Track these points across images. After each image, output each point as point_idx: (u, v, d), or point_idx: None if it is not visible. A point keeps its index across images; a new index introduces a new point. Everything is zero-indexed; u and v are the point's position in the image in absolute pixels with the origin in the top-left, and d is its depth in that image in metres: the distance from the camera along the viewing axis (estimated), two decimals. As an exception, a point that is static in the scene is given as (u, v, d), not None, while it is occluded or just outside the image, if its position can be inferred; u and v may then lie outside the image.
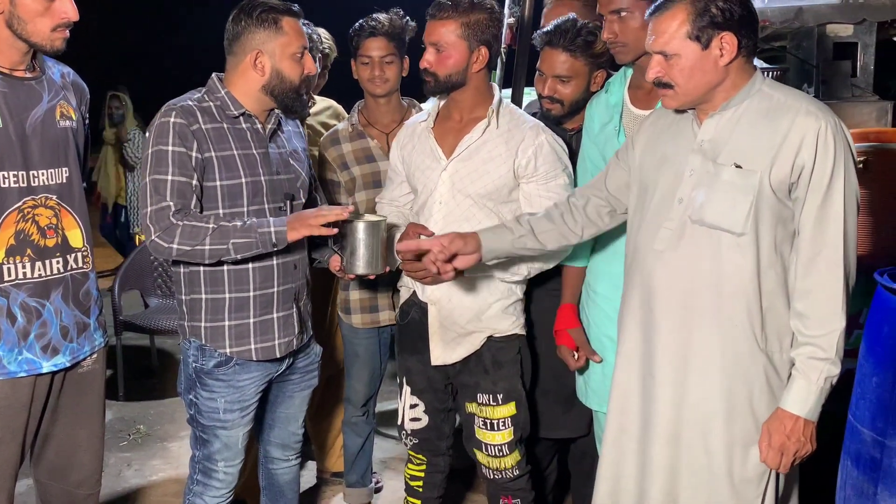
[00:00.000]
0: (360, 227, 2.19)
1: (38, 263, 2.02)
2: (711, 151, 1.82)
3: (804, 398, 1.76)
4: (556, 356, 2.41)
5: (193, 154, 2.07)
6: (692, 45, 1.77)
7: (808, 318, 1.76)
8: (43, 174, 2.02)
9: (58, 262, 2.05)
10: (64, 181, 2.07)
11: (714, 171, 1.81)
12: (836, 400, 2.46)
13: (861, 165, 2.87)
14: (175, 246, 2.04)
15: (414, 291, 2.42)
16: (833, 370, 1.75)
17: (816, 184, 1.73)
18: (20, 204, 1.98)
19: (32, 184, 2.00)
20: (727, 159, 1.80)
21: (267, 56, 2.13)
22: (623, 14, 2.13)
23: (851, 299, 1.82)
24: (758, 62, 3.41)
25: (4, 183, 1.95)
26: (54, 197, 2.04)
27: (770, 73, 3.36)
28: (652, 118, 2.04)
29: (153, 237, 2.04)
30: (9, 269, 1.98)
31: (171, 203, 2.04)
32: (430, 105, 2.42)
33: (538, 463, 2.67)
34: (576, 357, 2.34)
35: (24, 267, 1.99)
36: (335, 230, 2.12)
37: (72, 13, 1.97)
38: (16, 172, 1.97)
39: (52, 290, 2.05)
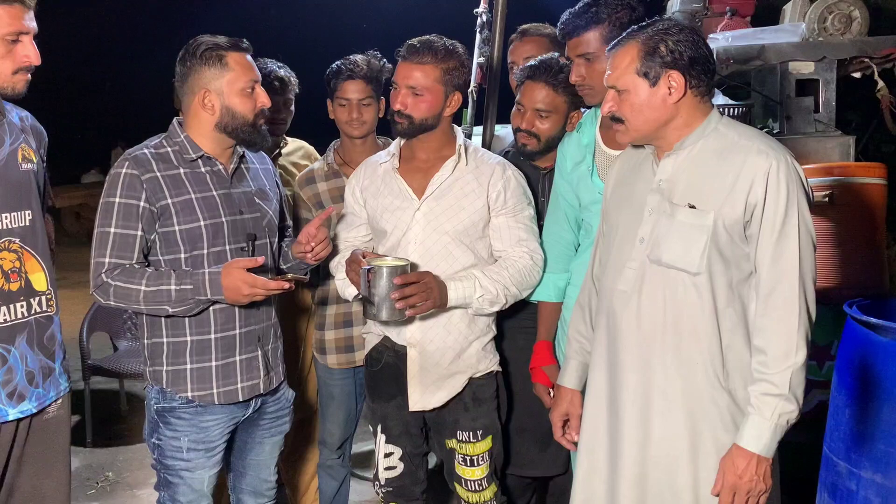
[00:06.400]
0: (385, 273, 2.14)
1: (3, 308, 1.98)
2: (668, 191, 1.85)
3: (757, 435, 1.74)
4: (532, 394, 2.40)
5: (142, 204, 2.09)
6: (641, 81, 1.81)
7: (765, 354, 1.75)
8: (6, 217, 1.98)
9: (22, 307, 2.01)
10: (27, 224, 2.03)
11: (670, 210, 1.83)
12: (812, 431, 2.48)
13: (827, 199, 2.92)
14: (112, 303, 2.10)
15: (385, 336, 2.40)
16: (787, 406, 1.72)
17: (769, 222, 1.75)
18: None
19: None
20: (682, 199, 1.82)
21: (215, 94, 2.13)
22: (590, 58, 2.17)
23: (822, 331, 1.83)
24: (724, 99, 3.49)
25: None
26: (17, 240, 2.01)
27: (735, 109, 3.44)
28: (621, 158, 2.07)
29: (91, 291, 2.10)
30: None
31: (107, 260, 2.08)
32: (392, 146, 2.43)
33: (514, 502, 2.65)
34: (551, 395, 2.33)
35: None
36: (288, 286, 2.11)
37: (34, 57, 1.95)
38: None
39: (17, 334, 2.00)
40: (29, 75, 1.97)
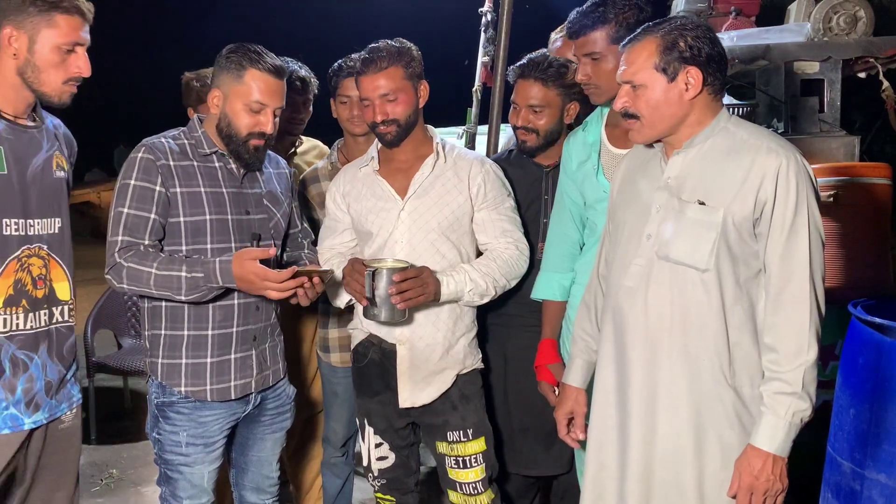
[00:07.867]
0: (385, 275, 2.16)
1: (31, 315, 1.97)
2: (677, 188, 1.85)
3: (772, 434, 1.74)
4: (536, 392, 2.40)
5: (157, 188, 2.10)
6: (659, 77, 1.80)
7: (776, 352, 1.76)
8: (38, 223, 1.98)
9: (45, 315, 2.00)
10: (56, 231, 2.03)
11: (679, 207, 1.83)
12: (815, 431, 2.48)
13: (832, 199, 2.92)
14: (125, 286, 2.09)
15: (370, 333, 2.41)
16: (801, 405, 1.73)
17: (779, 220, 1.75)
18: (19, 253, 1.94)
19: (29, 232, 1.96)
20: (691, 196, 1.82)
21: (222, 96, 2.15)
22: (596, 58, 2.17)
23: (826, 331, 1.83)
24: (728, 98, 3.49)
25: (6, 230, 1.91)
26: (45, 247, 2.00)
27: (740, 109, 3.44)
28: (629, 157, 2.07)
29: (105, 273, 2.10)
30: (5, 319, 1.92)
31: (119, 238, 2.08)
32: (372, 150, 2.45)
33: (514, 501, 2.65)
34: (556, 393, 2.33)
35: (17, 318, 1.94)
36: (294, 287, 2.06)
37: (85, 69, 1.96)
38: (17, 220, 1.93)
39: (41, 343, 1.99)
40: (76, 87, 1.98)
